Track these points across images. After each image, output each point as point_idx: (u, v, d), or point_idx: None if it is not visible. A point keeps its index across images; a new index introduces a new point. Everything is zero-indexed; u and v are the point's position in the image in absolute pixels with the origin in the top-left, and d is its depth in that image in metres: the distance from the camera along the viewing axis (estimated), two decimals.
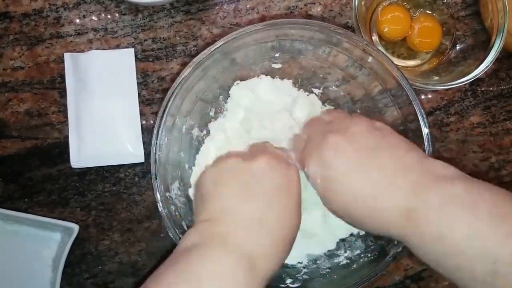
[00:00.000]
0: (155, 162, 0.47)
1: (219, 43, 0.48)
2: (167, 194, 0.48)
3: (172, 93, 0.48)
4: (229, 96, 0.55)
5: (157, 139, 0.47)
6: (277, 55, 0.54)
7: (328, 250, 0.54)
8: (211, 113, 0.55)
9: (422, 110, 0.48)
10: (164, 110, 0.48)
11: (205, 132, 0.55)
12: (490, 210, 0.36)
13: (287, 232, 0.42)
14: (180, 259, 0.38)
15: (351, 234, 0.53)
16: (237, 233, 0.39)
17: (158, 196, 0.47)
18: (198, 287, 0.35)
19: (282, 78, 0.56)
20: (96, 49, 0.58)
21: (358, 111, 0.56)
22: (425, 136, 0.47)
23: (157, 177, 0.47)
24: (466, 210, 0.36)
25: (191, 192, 0.52)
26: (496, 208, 0.36)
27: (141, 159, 0.57)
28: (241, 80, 0.55)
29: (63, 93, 0.57)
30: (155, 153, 0.47)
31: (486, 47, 0.55)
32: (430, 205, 0.38)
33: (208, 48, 0.48)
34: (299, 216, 0.43)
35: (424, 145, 0.47)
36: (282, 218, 0.41)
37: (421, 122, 0.47)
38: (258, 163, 0.43)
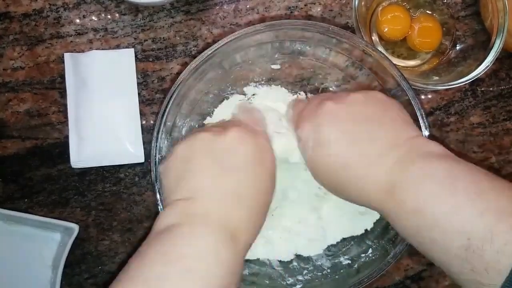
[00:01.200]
0: (155, 164, 0.47)
1: (219, 44, 0.47)
2: None
3: (172, 95, 0.48)
4: (225, 100, 0.55)
5: (156, 142, 0.47)
6: (276, 55, 0.54)
7: (330, 251, 0.54)
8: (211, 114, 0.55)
9: (422, 110, 0.48)
10: (164, 113, 0.48)
11: None
12: (467, 187, 0.36)
13: (263, 200, 0.43)
14: (161, 239, 0.37)
15: (352, 236, 0.53)
16: (216, 210, 0.39)
17: (159, 198, 0.47)
18: (183, 267, 0.35)
19: (278, 85, 0.56)
20: (96, 49, 0.58)
21: None
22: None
23: (157, 180, 0.47)
24: (444, 186, 0.37)
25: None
26: (473, 185, 0.37)
27: (141, 159, 0.57)
28: (240, 80, 0.55)
29: (63, 93, 0.57)
30: (155, 156, 0.47)
31: (486, 47, 0.55)
32: (409, 180, 0.39)
33: (208, 49, 0.47)
34: (273, 182, 0.45)
35: None
36: (257, 188, 0.42)
37: (421, 122, 0.47)
38: (228, 137, 0.43)
